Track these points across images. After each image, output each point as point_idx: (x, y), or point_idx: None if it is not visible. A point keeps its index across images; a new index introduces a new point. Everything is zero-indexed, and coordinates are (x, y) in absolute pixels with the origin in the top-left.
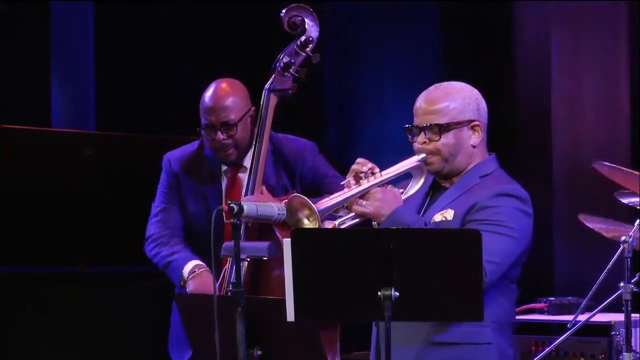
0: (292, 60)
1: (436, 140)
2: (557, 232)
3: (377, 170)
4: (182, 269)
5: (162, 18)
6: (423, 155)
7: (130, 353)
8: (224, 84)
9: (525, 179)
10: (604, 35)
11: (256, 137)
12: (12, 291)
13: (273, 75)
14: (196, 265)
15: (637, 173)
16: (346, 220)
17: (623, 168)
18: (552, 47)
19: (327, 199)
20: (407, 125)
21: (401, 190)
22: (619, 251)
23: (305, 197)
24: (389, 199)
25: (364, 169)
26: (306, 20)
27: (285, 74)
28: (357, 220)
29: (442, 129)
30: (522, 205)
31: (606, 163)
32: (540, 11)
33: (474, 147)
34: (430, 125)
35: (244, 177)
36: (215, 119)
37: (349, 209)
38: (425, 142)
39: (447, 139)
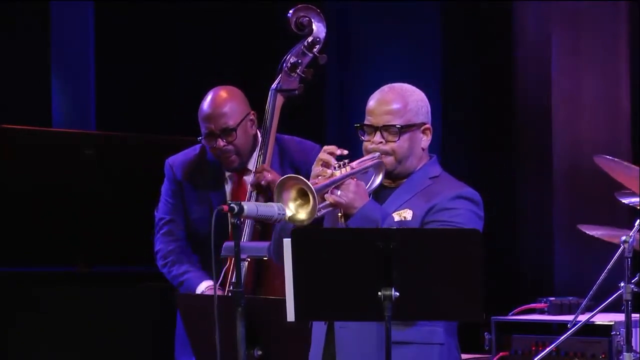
0: (299, 61)
1: (393, 141)
2: (557, 232)
3: (346, 161)
4: (194, 290)
5: (162, 18)
6: (377, 153)
7: (130, 353)
8: (220, 92)
9: (525, 179)
10: (604, 35)
11: (262, 138)
12: (12, 291)
13: (279, 76)
14: (207, 287)
15: (638, 168)
16: (321, 209)
17: (624, 162)
18: (552, 47)
19: (318, 180)
20: (359, 124)
21: None
22: (619, 251)
23: (301, 177)
24: (361, 192)
25: (333, 162)
26: (313, 20)
27: (292, 74)
28: (330, 209)
29: (402, 130)
30: (476, 208)
31: (607, 156)
32: (540, 11)
33: (423, 149)
34: (390, 125)
35: (249, 179)
36: (215, 126)
37: (322, 197)
38: (381, 142)
39: (403, 140)
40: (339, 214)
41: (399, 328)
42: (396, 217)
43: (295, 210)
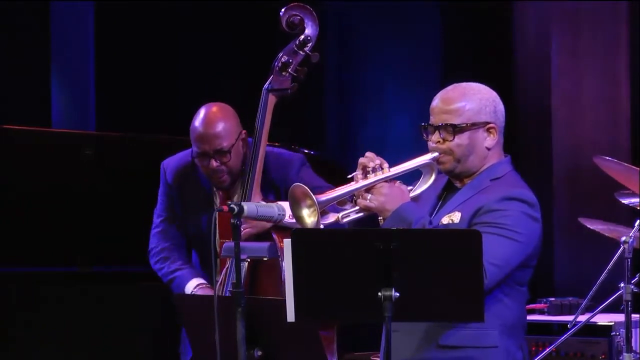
0: (291, 60)
1: (450, 140)
2: (557, 232)
3: (385, 165)
4: (184, 288)
5: (163, 18)
6: (435, 154)
7: (131, 353)
8: (213, 110)
9: (525, 179)
10: (604, 35)
11: (254, 139)
12: (12, 291)
13: (271, 75)
14: (197, 285)
15: (637, 169)
16: (350, 214)
17: (623, 163)
18: (552, 47)
19: (330, 191)
20: (422, 124)
21: (410, 188)
22: (619, 252)
23: (307, 188)
24: (396, 194)
25: (372, 163)
26: (305, 19)
27: (284, 73)
28: (362, 214)
29: (457, 129)
30: (530, 209)
31: (607, 157)
32: (540, 11)
33: (488, 149)
34: (445, 124)
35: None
36: (209, 147)
37: (354, 203)
38: (439, 142)
39: (461, 139)
40: (379, 217)
41: (448, 332)
42: (446, 219)
43: (308, 215)
